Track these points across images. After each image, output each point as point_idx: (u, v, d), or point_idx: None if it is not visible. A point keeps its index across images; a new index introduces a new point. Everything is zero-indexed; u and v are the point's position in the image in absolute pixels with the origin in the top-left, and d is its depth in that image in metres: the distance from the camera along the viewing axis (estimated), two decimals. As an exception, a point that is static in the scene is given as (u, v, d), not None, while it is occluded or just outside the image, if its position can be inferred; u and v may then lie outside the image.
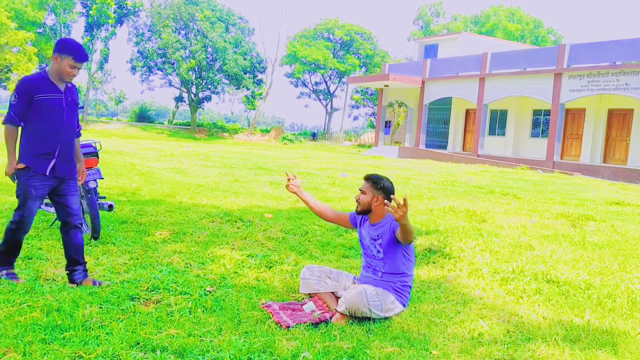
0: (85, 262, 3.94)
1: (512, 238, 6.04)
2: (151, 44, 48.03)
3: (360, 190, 3.76)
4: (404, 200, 3.23)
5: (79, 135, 4.04)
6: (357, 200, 3.79)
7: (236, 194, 8.64)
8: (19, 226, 3.76)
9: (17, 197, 3.74)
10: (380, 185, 3.73)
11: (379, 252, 3.73)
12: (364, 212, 3.78)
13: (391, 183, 3.79)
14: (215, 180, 10.55)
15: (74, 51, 3.64)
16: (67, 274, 3.89)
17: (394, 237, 3.63)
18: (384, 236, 3.69)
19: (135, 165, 12.62)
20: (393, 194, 3.67)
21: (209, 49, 46.46)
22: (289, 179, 4.01)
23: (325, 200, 8.48)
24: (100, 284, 3.80)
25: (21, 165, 3.67)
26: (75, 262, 3.88)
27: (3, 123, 3.62)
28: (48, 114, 3.66)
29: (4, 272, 3.80)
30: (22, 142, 3.70)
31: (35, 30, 41.73)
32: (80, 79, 49.95)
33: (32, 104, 3.62)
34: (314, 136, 48.12)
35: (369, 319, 3.48)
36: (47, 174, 3.71)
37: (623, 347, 3.23)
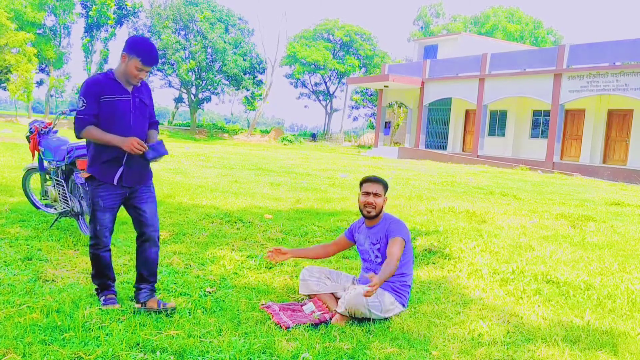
0: (155, 281, 3.60)
1: (512, 239, 6.04)
2: (151, 44, 48.00)
3: (374, 193, 3.70)
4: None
5: (155, 128, 3.69)
6: (369, 205, 3.71)
7: (236, 195, 8.63)
8: (95, 242, 3.46)
9: (89, 207, 3.51)
10: (386, 185, 3.77)
11: (377, 256, 3.74)
12: (378, 214, 3.76)
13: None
14: (215, 181, 10.54)
15: (143, 53, 3.30)
16: (135, 290, 3.55)
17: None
18: (381, 240, 3.70)
19: (135, 166, 12.58)
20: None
21: (209, 50, 46.47)
22: (271, 257, 3.84)
23: (325, 201, 8.48)
24: (165, 306, 3.43)
25: (86, 175, 3.39)
26: (144, 280, 3.53)
27: (80, 131, 3.30)
28: (114, 117, 3.35)
29: (102, 297, 3.49)
30: (88, 149, 3.43)
31: (34, 31, 41.70)
32: (80, 80, 49.90)
33: (99, 105, 3.33)
34: (313, 137, 48.11)
35: (368, 319, 3.48)
36: (115, 183, 3.38)
37: (623, 347, 3.23)
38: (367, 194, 3.71)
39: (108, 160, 3.37)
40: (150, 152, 3.36)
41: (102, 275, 3.52)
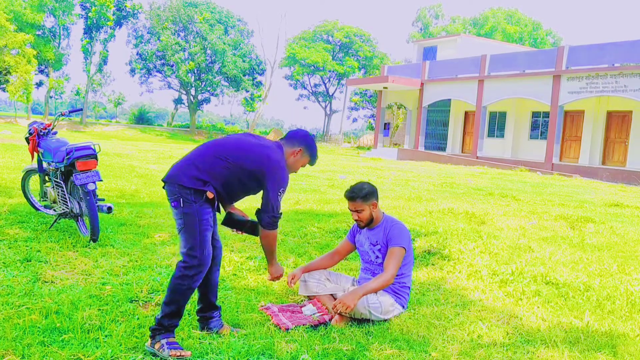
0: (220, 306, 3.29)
1: (511, 240, 6.04)
2: (150, 46, 48.06)
3: (355, 210, 3.67)
4: (334, 307, 3.41)
5: None
6: (357, 220, 3.71)
7: (235, 196, 8.62)
8: (198, 270, 2.96)
9: (187, 232, 2.97)
10: (366, 195, 3.65)
11: (377, 257, 3.74)
12: (369, 223, 3.75)
13: (367, 183, 3.76)
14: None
15: (314, 157, 3.30)
16: (200, 318, 3.22)
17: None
18: (381, 242, 3.70)
19: (134, 167, 12.61)
20: (375, 190, 3.71)
21: (208, 51, 46.49)
22: (290, 284, 3.83)
23: (324, 202, 8.48)
24: (238, 331, 3.22)
25: (212, 195, 3.01)
26: (214, 306, 3.23)
27: (273, 228, 3.16)
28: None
29: (165, 340, 2.85)
30: (223, 178, 3.04)
31: (34, 33, 41.69)
32: (80, 81, 49.91)
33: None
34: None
35: (368, 321, 3.47)
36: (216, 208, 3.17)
37: (622, 348, 3.23)
38: (351, 211, 3.72)
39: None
40: None
41: (180, 313, 2.96)
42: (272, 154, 3.10)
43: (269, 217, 3.08)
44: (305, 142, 3.24)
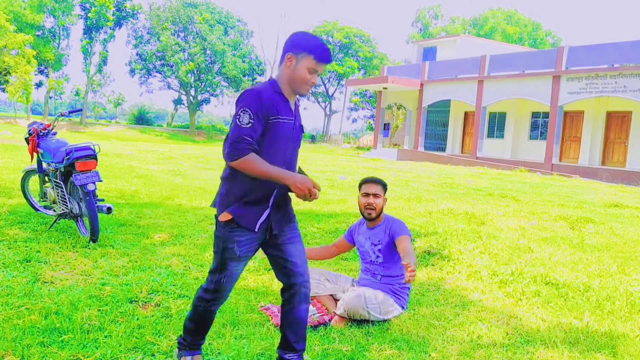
0: (304, 348, 2.79)
1: (511, 240, 6.04)
2: (150, 46, 48.10)
3: (373, 194, 3.68)
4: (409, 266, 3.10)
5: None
6: (369, 206, 3.68)
7: (235, 197, 8.62)
8: (214, 296, 2.65)
9: (215, 253, 2.65)
10: (385, 185, 3.76)
11: (378, 257, 3.73)
12: (378, 215, 3.75)
13: None
14: (214, 182, 10.53)
15: (315, 47, 2.57)
16: (279, 357, 2.78)
17: (393, 242, 3.63)
18: (383, 241, 3.69)
19: (133, 167, 12.61)
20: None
21: (208, 52, 46.53)
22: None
23: (324, 202, 8.48)
24: None
25: (227, 216, 2.56)
26: (291, 347, 2.73)
27: (239, 156, 2.46)
28: (275, 145, 2.59)
29: (189, 357, 2.75)
30: (229, 182, 2.60)
31: (34, 33, 41.73)
32: (79, 81, 49.91)
33: (266, 127, 2.55)
34: (312, 138, 48.13)
35: (367, 321, 3.47)
36: (257, 229, 2.60)
37: (622, 349, 3.23)
38: (367, 195, 3.69)
39: (253, 201, 2.58)
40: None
41: (203, 332, 2.77)
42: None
43: (225, 147, 2.52)
44: (292, 43, 2.62)
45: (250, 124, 2.47)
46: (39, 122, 5.85)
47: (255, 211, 2.58)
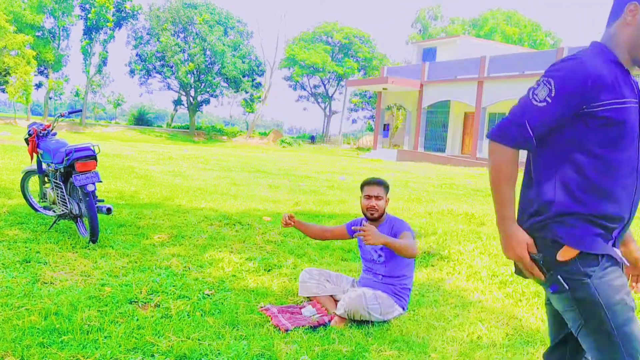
0: None
1: (511, 241, 6.03)
2: (150, 47, 48.07)
3: (375, 196, 3.68)
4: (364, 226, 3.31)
5: None
6: (372, 208, 3.68)
7: (235, 197, 8.63)
8: None
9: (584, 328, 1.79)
10: (388, 186, 3.76)
11: (380, 256, 3.73)
12: (380, 217, 3.75)
13: None
14: (213, 183, 10.54)
15: None
16: None
17: None
18: None
19: (133, 168, 12.61)
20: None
21: (208, 52, 46.51)
22: (284, 220, 3.87)
23: (324, 203, 8.48)
24: None
25: (573, 253, 1.76)
26: None
27: (494, 138, 1.85)
28: (620, 144, 1.75)
29: None
30: (557, 192, 1.82)
31: (33, 34, 41.69)
32: (79, 82, 49.94)
33: (580, 118, 1.74)
34: (312, 139, 48.13)
35: (367, 322, 3.47)
36: (620, 260, 1.79)
37: (622, 350, 3.23)
38: (369, 197, 3.70)
39: (603, 225, 1.77)
40: None
41: None
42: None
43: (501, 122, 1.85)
44: None
45: (544, 104, 1.72)
46: (39, 123, 5.85)
47: (604, 237, 1.80)
